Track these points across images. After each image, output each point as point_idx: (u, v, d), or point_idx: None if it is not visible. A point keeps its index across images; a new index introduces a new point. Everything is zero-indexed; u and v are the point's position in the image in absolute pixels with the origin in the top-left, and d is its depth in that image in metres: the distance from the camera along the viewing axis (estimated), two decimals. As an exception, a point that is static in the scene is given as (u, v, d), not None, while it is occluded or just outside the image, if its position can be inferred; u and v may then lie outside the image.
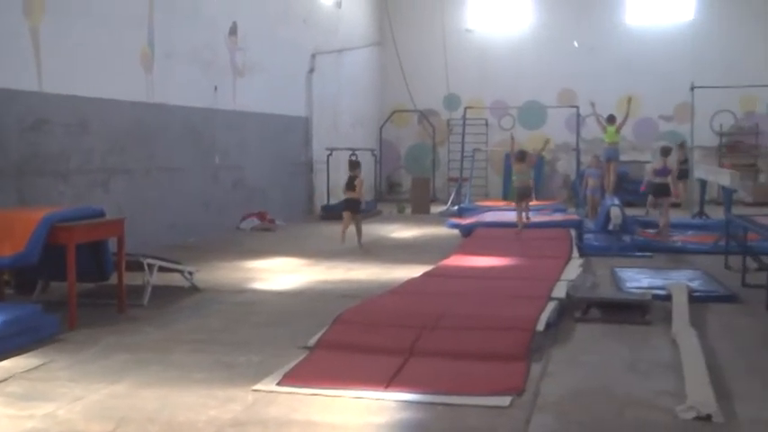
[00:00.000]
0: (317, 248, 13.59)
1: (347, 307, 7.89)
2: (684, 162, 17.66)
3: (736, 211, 14.97)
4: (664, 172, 14.69)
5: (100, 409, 5.15)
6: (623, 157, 20.63)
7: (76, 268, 7.58)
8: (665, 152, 15.02)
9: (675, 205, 20.10)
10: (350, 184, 14.11)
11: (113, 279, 8.46)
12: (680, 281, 9.58)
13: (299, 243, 14.44)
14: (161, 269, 9.17)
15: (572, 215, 16.86)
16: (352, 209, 14.09)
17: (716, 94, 21.93)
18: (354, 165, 14.49)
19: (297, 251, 13.19)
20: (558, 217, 16.50)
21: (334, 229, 16.92)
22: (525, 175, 15.11)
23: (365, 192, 17.88)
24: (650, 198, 15.83)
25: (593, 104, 18.41)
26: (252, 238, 15.02)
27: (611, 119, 17.96)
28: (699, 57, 23.57)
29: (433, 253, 12.77)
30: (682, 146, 17.69)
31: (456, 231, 15.71)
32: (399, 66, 25.28)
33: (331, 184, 20.55)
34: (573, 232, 14.03)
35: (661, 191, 14.72)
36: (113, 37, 12.48)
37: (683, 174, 17.70)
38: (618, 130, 17.85)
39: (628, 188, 19.67)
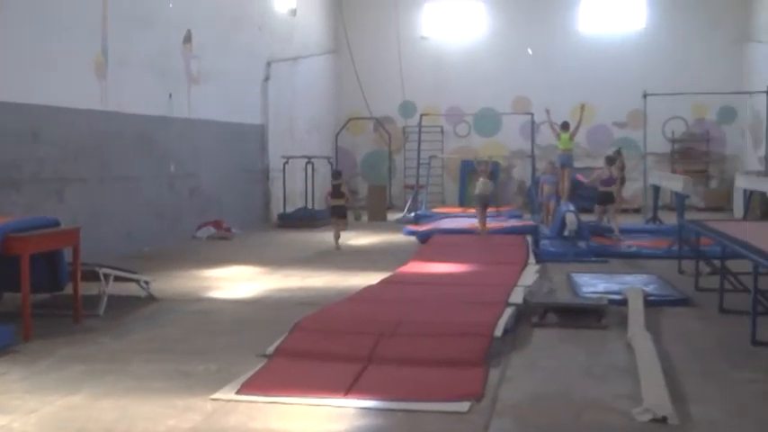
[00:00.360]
0: (274, 257, 13.54)
1: (305, 314, 7.88)
2: (622, 169, 18.00)
3: (689, 216, 15.24)
4: (609, 181, 15.41)
5: (56, 421, 5.09)
6: (577, 164, 20.84)
7: (31, 278, 7.47)
8: (610, 161, 15.76)
9: (625, 210, 20.45)
10: (336, 192, 15.25)
11: (68, 289, 8.35)
12: (635, 285, 9.71)
13: (256, 251, 14.38)
14: (117, 279, 9.07)
15: (528, 221, 17.00)
16: (341, 214, 15.28)
17: (668, 101, 22.27)
18: (338, 174, 15.77)
19: (253, 259, 13.13)
20: (513, 223, 16.62)
21: (290, 237, 16.90)
22: (488, 185, 15.54)
23: (351, 196, 17.92)
24: (596, 207, 16.17)
25: (547, 111, 18.62)
26: (208, 247, 14.93)
27: (564, 126, 18.15)
28: (651, 65, 23.93)
29: (391, 260, 12.80)
30: (618, 153, 17.98)
31: (413, 238, 15.77)
32: (355, 73, 25.30)
33: (287, 191, 20.48)
34: (529, 238, 14.17)
35: (607, 199, 15.46)
36: (66, 44, 12.34)
37: (621, 180, 18.15)
38: (572, 137, 18.05)
39: (582, 194, 19.87)
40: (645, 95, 19.54)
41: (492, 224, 15.91)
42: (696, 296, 9.46)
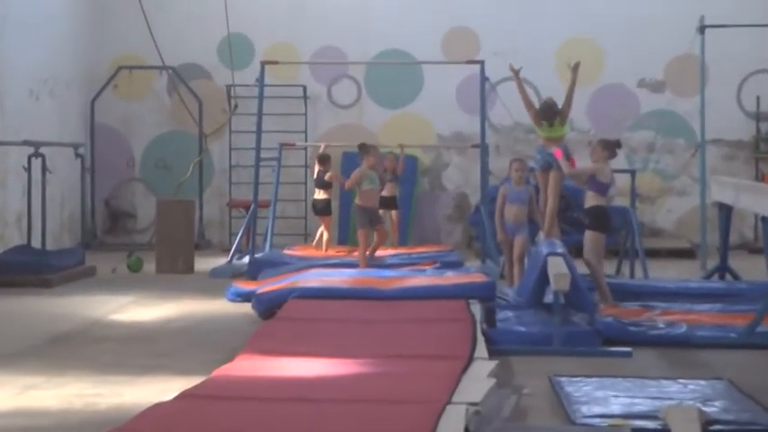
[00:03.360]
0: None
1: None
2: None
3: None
4: (605, 188, 16.31)
5: None
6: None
7: None
8: (612, 151, 16.33)
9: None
10: (319, 181, 20.95)
11: None
12: (686, 402, 9.80)
13: None
14: None
15: (475, 274, 17.07)
16: (323, 212, 21.40)
17: (747, 40, 22.71)
18: (326, 159, 21.48)
19: None
20: (447, 278, 16.71)
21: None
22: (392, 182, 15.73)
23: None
24: (592, 237, 16.26)
25: (515, 71, 18.54)
26: None
27: (548, 110, 18.23)
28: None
29: (201, 351, 12.88)
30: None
31: (246, 307, 15.82)
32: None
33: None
34: (477, 308, 14.27)
35: (601, 221, 16.25)
36: None
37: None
38: (563, 121, 18.04)
39: (583, 221, 20.11)
40: (702, 29, 19.92)
41: (405, 280, 15.99)
42: (806, 423, 9.58)
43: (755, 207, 15.29)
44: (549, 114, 18.04)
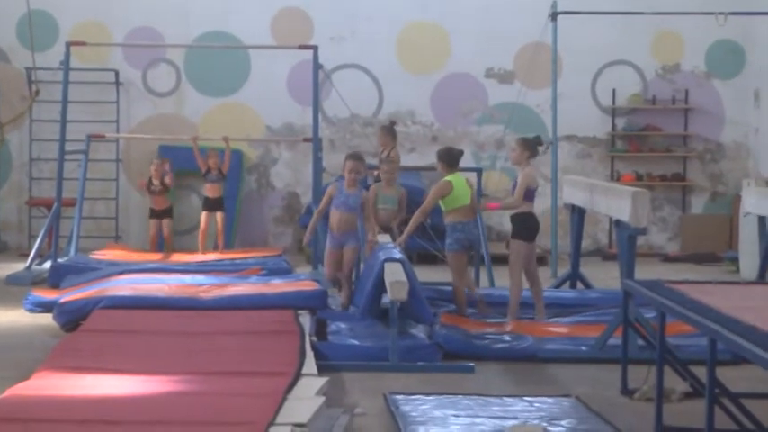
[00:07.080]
0: None
1: None
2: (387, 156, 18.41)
3: (646, 271, 15.61)
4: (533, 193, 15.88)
5: None
6: (411, 159, 21.15)
7: None
8: (533, 149, 15.83)
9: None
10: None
11: None
12: (530, 423, 9.86)
13: None
14: None
15: (304, 282, 17.03)
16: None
17: (601, 29, 22.92)
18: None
19: None
20: (273, 286, 16.71)
21: None
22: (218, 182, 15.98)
23: None
24: (517, 246, 16.02)
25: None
26: None
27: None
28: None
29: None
30: (388, 128, 18.56)
31: (47, 319, 15.60)
32: None
33: None
34: (306, 319, 14.31)
35: (531, 230, 15.81)
36: None
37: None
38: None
39: (425, 224, 20.09)
40: (554, 15, 20.06)
41: (226, 288, 15.97)
42: (659, 444, 9.68)
43: (609, 210, 15.35)
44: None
